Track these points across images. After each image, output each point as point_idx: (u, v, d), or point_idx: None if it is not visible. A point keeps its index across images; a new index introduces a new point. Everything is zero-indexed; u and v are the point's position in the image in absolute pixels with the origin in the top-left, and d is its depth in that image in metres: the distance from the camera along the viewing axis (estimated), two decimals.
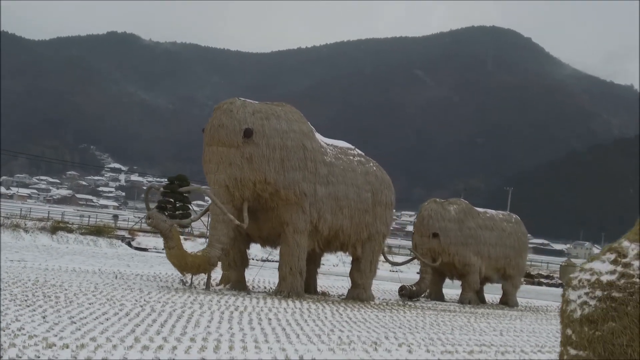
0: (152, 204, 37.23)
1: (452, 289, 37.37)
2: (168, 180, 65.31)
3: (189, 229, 60.24)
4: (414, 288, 32.41)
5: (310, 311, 21.49)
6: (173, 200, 61.78)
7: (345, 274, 35.52)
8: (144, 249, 50.14)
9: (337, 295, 29.84)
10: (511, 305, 34.72)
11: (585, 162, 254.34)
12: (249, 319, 18.02)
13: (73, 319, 15.17)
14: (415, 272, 45.83)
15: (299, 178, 25.56)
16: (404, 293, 31.97)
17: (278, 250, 27.24)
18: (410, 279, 39.92)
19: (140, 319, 16.23)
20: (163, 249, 27.50)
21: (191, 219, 28.49)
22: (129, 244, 51.20)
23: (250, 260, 28.70)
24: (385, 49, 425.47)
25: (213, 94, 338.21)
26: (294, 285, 26.00)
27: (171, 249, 24.47)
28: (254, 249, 35.12)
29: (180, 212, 58.91)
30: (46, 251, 39.38)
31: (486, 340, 18.69)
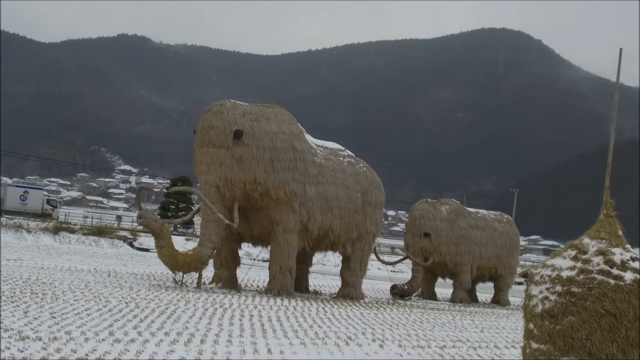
0: (153, 205, 37.64)
1: (447, 289, 37.63)
2: (171, 182, 65.69)
3: (191, 229, 60.71)
4: (405, 287, 32.79)
5: (295, 308, 21.81)
6: (176, 202, 62.20)
7: None
8: (146, 249, 50.43)
9: (329, 294, 30.19)
10: (503, 304, 35.01)
11: (595, 164, 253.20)
12: (231, 315, 18.32)
13: (54, 314, 15.50)
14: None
15: (288, 178, 25.96)
16: (396, 292, 32.35)
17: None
18: (406, 278, 40.10)
19: (122, 314, 16.54)
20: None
21: (182, 219, 28.91)
22: (130, 245, 51.57)
23: (251, 260, 29.08)
24: (395, 51, 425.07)
25: (224, 96, 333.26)
26: (284, 283, 26.40)
27: (162, 248, 24.93)
28: (254, 249, 35.38)
29: (182, 213, 59.22)
30: (46, 251, 39.74)
31: (464, 336, 18.95)
